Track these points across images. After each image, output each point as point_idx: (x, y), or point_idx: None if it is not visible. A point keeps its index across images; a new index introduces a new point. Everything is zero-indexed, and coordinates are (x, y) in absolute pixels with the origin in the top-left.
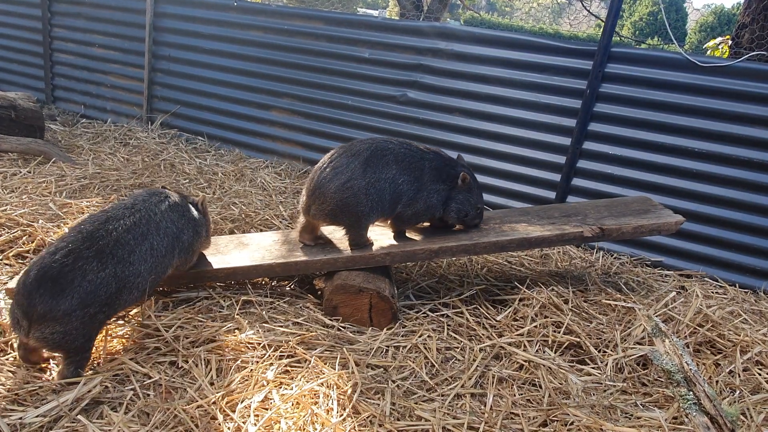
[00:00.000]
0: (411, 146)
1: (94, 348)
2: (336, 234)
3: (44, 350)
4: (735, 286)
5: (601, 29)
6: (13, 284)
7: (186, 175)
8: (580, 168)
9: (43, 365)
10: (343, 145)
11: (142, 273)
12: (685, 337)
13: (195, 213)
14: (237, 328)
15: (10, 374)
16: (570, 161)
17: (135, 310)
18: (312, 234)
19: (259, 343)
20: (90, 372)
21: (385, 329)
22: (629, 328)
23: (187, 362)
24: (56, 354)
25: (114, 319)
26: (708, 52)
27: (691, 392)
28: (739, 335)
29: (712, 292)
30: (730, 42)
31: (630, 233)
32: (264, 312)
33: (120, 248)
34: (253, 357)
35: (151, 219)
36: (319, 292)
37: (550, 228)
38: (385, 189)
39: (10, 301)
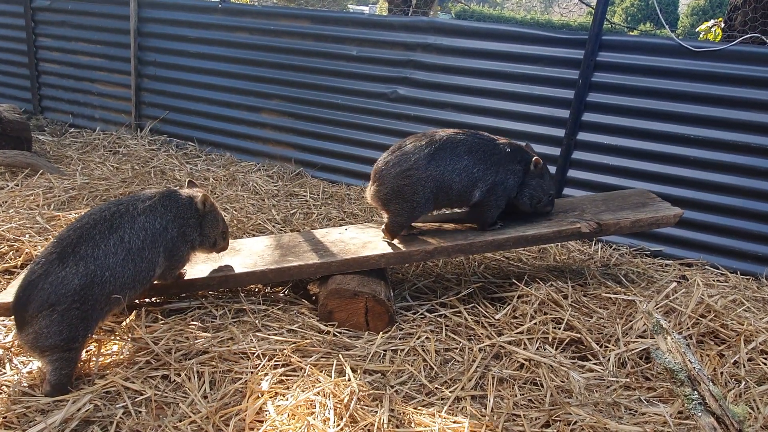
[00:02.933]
0: (483, 135)
1: (85, 365)
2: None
3: (34, 357)
4: (736, 273)
5: (592, 17)
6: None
7: (177, 181)
8: (576, 159)
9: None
10: (415, 134)
11: (112, 266)
12: (688, 328)
13: (190, 214)
14: (230, 338)
15: None
16: (565, 153)
17: (124, 323)
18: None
19: (253, 353)
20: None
21: (381, 333)
22: (630, 321)
23: (180, 375)
24: (42, 360)
25: (104, 334)
26: (700, 36)
27: (695, 392)
28: (743, 324)
29: (714, 281)
30: (722, 25)
31: (628, 228)
32: (257, 320)
33: (83, 244)
34: (247, 367)
35: (126, 213)
36: (314, 298)
37: (547, 224)
38: (453, 180)
39: None
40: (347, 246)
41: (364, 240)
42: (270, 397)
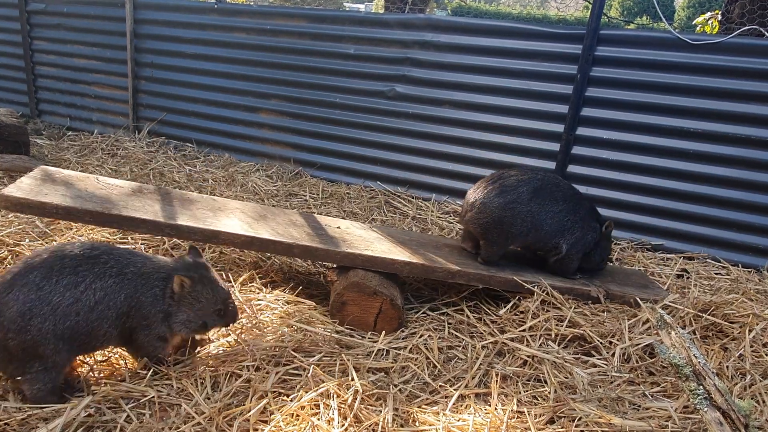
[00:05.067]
0: (573, 187)
1: (87, 369)
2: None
3: None
4: (738, 266)
5: (589, 11)
6: None
7: (176, 183)
8: (575, 155)
9: None
10: (514, 168)
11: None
12: (691, 322)
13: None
14: (232, 338)
15: None
16: (564, 148)
17: None
18: (474, 242)
19: (255, 354)
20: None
21: (383, 332)
22: (634, 317)
23: (181, 380)
24: None
25: None
26: (697, 29)
27: (701, 386)
28: (745, 318)
29: (715, 274)
30: (719, 17)
31: (632, 304)
32: (259, 320)
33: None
34: (249, 368)
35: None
36: (330, 285)
37: (561, 278)
38: (545, 221)
39: None
40: (373, 245)
41: (388, 243)
42: (273, 398)
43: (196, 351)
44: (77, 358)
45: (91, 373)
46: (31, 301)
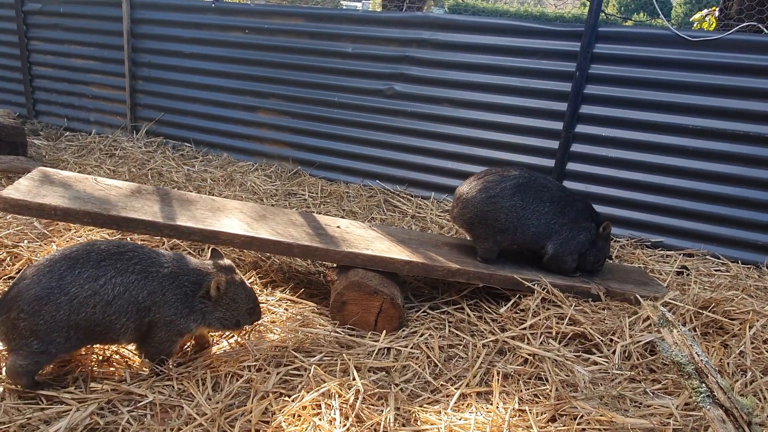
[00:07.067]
0: (564, 188)
1: (86, 371)
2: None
3: None
4: (737, 263)
5: (587, 8)
6: None
7: (174, 183)
8: (574, 152)
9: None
10: (503, 166)
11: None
12: (691, 319)
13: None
14: (232, 338)
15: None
16: (563, 146)
17: None
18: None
19: (255, 355)
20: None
21: (384, 332)
22: (634, 314)
23: (182, 381)
24: None
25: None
26: (695, 25)
27: (703, 384)
28: (746, 314)
29: (715, 271)
30: (717, 14)
31: (632, 302)
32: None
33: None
34: (250, 369)
35: (126, 259)
36: (330, 285)
37: (561, 276)
38: (530, 220)
39: None
40: (372, 244)
41: (388, 242)
42: (275, 398)
43: (200, 352)
44: (83, 350)
45: (92, 371)
46: (51, 288)
